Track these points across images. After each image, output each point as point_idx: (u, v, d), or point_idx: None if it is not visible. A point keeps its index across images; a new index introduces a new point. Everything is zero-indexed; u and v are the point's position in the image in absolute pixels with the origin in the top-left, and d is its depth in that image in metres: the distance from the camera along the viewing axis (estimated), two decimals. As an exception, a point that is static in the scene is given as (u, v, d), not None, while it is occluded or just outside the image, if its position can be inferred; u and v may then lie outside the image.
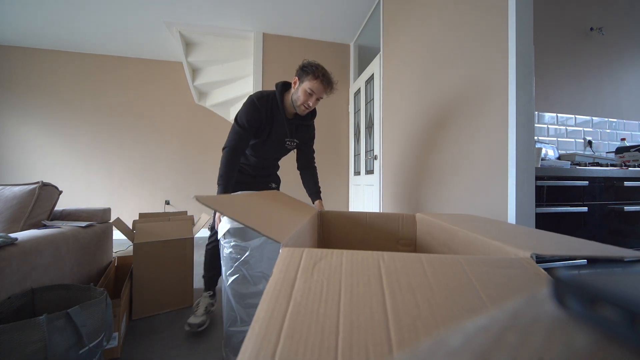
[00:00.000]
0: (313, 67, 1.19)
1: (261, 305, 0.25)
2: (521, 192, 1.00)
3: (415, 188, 1.68)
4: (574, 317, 0.13)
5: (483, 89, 1.16)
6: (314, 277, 0.29)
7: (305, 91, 1.20)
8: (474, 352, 0.11)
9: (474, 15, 1.21)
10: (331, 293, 0.26)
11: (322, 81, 1.19)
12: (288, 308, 0.24)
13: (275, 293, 0.26)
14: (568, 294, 0.14)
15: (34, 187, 1.28)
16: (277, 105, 1.26)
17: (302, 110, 1.26)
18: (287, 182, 2.80)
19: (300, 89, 1.21)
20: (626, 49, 2.00)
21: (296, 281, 0.29)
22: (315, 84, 1.19)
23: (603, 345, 0.11)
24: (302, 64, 1.23)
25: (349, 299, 0.25)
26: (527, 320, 0.14)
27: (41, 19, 2.64)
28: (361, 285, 0.27)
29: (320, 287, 0.27)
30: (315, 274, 0.30)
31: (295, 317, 0.23)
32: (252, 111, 1.22)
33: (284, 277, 0.30)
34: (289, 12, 2.50)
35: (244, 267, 1.01)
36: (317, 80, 1.19)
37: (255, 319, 0.23)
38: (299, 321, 0.22)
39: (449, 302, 0.24)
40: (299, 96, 1.22)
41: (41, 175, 3.18)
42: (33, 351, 0.66)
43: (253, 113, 1.22)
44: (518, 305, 0.15)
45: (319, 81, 1.19)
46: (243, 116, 1.22)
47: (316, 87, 1.19)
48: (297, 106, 1.25)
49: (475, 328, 0.13)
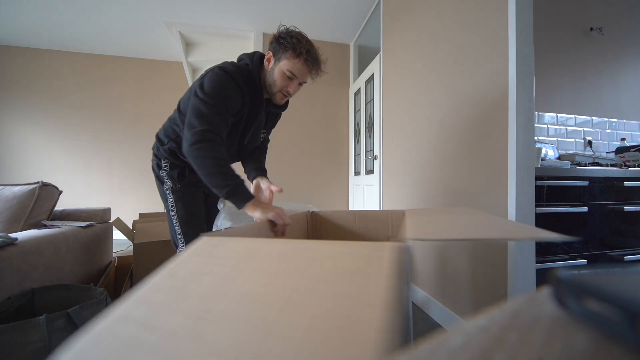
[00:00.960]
0: (294, 39, 0.85)
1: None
2: (521, 192, 1.00)
3: (415, 188, 1.68)
4: (574, 317, 0.13)
5: (483, 88, 1.16)
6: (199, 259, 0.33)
7: (283, 73, 0.87)
8: (474, 352, 0.11)
9: (474, 15, 1.21)
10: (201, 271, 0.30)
11: (305, 60, 0.85)
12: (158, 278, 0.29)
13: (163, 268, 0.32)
14: (568, 294, 0.14)
15: (34, 187, 1.28)
16: (253, 84, 0.91)
17: (280, 99, 0.94)
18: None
19: (276, 70, 0.87)
20: (626, 49, 2.00)
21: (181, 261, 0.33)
22: (297, 64, 0.85)
23: (603, 345, 0.11)
24: (277, 32, 0.87)
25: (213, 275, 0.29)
26: (527, 320, 0.14)
27: (41, 19, 2.64)
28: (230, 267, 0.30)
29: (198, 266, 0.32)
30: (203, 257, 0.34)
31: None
32: (232, 87, 0.85)
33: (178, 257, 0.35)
34: (288, 12, 2.50)
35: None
36: (299, 59, 0.85)
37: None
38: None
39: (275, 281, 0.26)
40: (274, 80, 0.89)
41: (41, 175, 3.18)
42: (33, 351, 0.66)
43: (232, 90, 0.85)
44: (518, 305, 0.15)
45: (301, 60, 0.85)
46: (217, 89, 0.82)
47: (298, 68, 0.86)
48: (272, 93, 0.92)
49: (475, 328, 0.13)
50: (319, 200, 2.91)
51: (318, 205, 2.89)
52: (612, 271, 0.14)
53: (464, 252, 1.25)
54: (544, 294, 0.16)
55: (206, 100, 0.80)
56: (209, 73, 0.85)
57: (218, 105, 0.81)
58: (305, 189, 2.87)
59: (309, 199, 2.88)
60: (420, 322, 1.39)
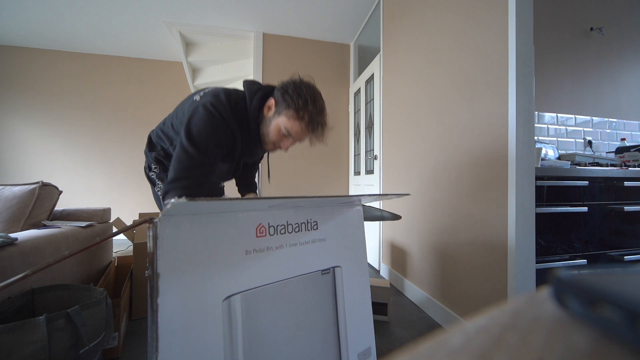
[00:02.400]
0: (301, 99, 0.78)
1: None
2: (521, 192, 1.00)
3: (415, 188, 1.68)
4: (574, 317, 0.13)
5: (483, 88, 1.16)
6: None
7: (279, 130, 0.82)
8: (474, 352, 0.11)
9: (474, 15, 1.21)
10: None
11: (307, 126, 0.79)
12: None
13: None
14: (568, 294, 0.14)
15: (34, 187, 1.28)
16: (247, 122, 0.86)
17: (270, 149, 0.89)
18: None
19: (274, 123, 0.82)
20: (626, 49, 2.00)
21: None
22: (296, 127, 0.79)
23: (603, 345, 0.11)
24: (286, 81, 0.82)
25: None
26: (527, 320, 0.14)
27: (41, 19, 2.64)
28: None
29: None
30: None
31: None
32: (222, 129, 0.80)
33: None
34: (289, 12, 2.50)
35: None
36: (300, 122, 0.79)
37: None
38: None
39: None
40: (269, 132, 0.84)
41: (41, 175, 3.18)
42: (33, 351, 0.66)
43: (222, 132, 0.80)
44: (518, 305, 0.15)
45: (302, 125, 0.79)
46: (205, 135, 0.77)
47: (297, 131, 0.80)
48: (264, 142, 0.87)
49: (475, 328, 0.13)
50: (319, 200, 2.91)
51: (318, 205, 2.89)
52: (612, 271, 0.14)
53: (464, 252, 1.25)
54: (544, 294, 0.16)
55: (190, 151, 0.75)
56: (199, 110, 0.78)
57: (203, 154, 0.76)
58: (305, 188, 2.88)
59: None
60: (420, 322, 1.39)
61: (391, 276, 1.95)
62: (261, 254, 0.60)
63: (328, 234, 0.71)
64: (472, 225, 1.21)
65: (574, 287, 0.13)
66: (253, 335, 0.56)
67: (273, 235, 0.62)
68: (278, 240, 0.63)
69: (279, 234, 0.63)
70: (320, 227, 0.70)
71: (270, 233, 0.62)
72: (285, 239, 0.63)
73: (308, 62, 2.90)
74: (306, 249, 0.67)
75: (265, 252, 0.60)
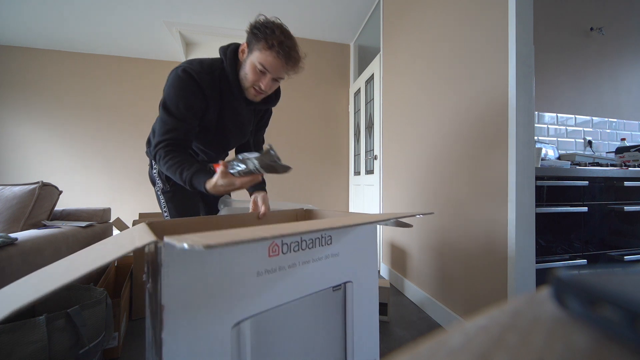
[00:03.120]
0: (268, 29, 0.77)
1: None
2: (521, 192, 1.00)
3: (415, 188, 1.68)
4: (574, 317, 0.13)
5: (483, 88, 1.16)
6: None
7: (254, 67, 0.80)
8: (474, 352, 0.11)
9: (474, 15, 1.21)
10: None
11: (278, 53, 0.77)
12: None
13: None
14: (568, 294, 0.14)
15: (34, 187, 1.28)
16: (227, 80, 0.87)
17: (253, 95, 0.86)
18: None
19: (248, 62, 0.81)
20: (626, 49, 2.00)
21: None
22: (269, 56, 0.77)
23: (603, 345, 0.11)
24: (253, 23, 0.81)
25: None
26: (527, 320, 0.14)
27: (41, 19, 2.64)
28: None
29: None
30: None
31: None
32: (190, 89, 0.82)
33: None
34: (288, 12, 2.50)
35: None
36: (271, 51, 0.77)
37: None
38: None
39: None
40: (246, 73, 0.83)
41: (41, 175, 3.18)
42: (33, 351, 0.66)
43: (191, 92, 0.82)
44: (518, 305, 0.15)
45: (273, 53, 0.77)
46: (174, 98, 0.81)
47: (270, 61, 0.78)
48: (245, 88, 0.86)
49: (475, 328, 0.13)
50: (319, 200, 2.91)
51: (318, 205, 2.89)
52: (612, 271, 0.14)
53: (464, 252, 1.25)
54: (544, 294, 0.16)
55: (164, 108, 0.81)
56: (170, 75, 0.84)
57: (176, 112, 0.81)
58: (305, 188, 2.87)
59: (309, 198, 2.88)
60: (420, 322, 1.39)
61: (391, 276, 1.95)
62: (273, 274, 0.54)
63: (342, 248, 0.65)
64: (472, 225, 1.21)
65: (574, 287, 0.13)
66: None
67: (286, 253, 0.56)
68: (291, 258, 0.56)
69: (292, 251, 0.57)
70: (334, 242, 0.64)
71: (284, 251, 0.55)
72: (298, 256, 0.57)
73: (308, 62, 2.90)
74: (319, 265, 0.61)
75: (278, 272, 0.54)
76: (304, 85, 2.86)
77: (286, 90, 2.78)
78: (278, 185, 2.79)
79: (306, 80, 2.88)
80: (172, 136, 0.81)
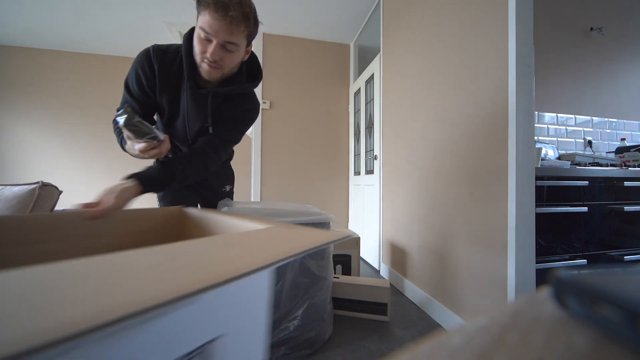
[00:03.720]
0: None
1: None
2: (521, 192, 1.00)
3: (415, 188, 1.68)
4: (574, 317, 0.13)
5: (483, 88, 1.16)
6: None
7: (198, 35, 0.72)
8: (474, 352, 0.11)
9: (474, 15, 1.21)
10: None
11: (216, 12, 0.66)
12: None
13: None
14: (568, 294, 0.14)
15: (34, 187, 1.28)
16: (181, 62, 0.81)
17: (206, 71, 0.76)
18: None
19: (195, 34, 0.74)
20: (626, 49, 2.00)
21: None
22: (207, 16, 0.67)
23: (603, 345, 0.11)
24: None
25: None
26: (527, 320, 0.14)
27: (41, 19, 2.64)
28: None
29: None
30: None
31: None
32: (142, 64, 0.78)
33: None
34: (289, 12, 2.50)
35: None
36: (208, 10, 0.67)
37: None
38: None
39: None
40: (194, 46, 0.75)
41: (41, 175, 3.18)
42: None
43: (141, 67, 0.78)
44: (518, 305, 0.15)
45: (210, 12, 0.67)
46: (130, 72, 0.80)
47: (210, 22, 0.68)
48: (198, 65, 0.77)
49: (475, 328, 0.13)
50: (319, 200, 2.91)
51: (318, 205, 2.89)
52: (612, 271, 0.14)
53: (464, 252, 1.26)
54: (544, 294, 0.16)
55: (124, 92, 0.82)
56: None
57: (130, 87, 0.81)
58: (305, 188, 2.87)
59: (309, 199, 2.88)
60: (420, 322, 1.39)
61: (391, 276, 1.95)
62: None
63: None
64: (472, 225, 1.21)
65: (574, 287, 0.13)
66: None
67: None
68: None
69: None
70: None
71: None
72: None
73: (308, 62, 2.90)
74: (162, 324, 0.28)
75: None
76: (303, 85, 2.86)
77: (286, 90, 2.79)
78: (277, 185, 2.79)
79: (306, 80, 2.88)
80: (128, 108, 0.74)
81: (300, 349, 1.10)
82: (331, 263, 1.23)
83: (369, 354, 1.15)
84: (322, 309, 1.17)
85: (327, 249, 1.19)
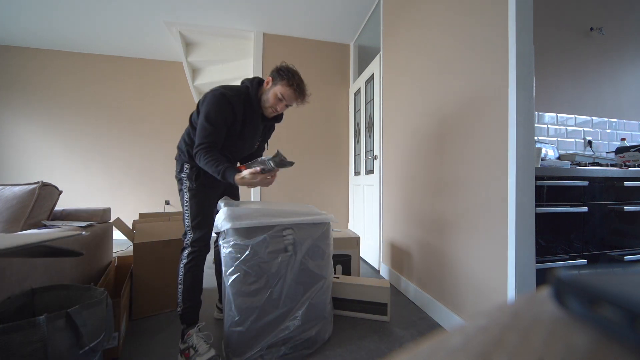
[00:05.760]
0: (290, 73, 1.16)
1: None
2: (521, 192, 1.00)
3: (415, 187, 1.68)
4: (574, 317, 0.13)
5: (483, 88, 1.16)
6: None
7: (275, 95, 1.17)
8: (474, 352, 0.11)
9: (474, 15, 1.21)
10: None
11: (295, 90, 1.15)
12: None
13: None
14: (568, 294, 0.14)
15: (34, 187, 1.28)
16: (250, 102, 1.20)
17: (269, 113, 1.23)
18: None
19: (271, 91, 1.17)
20: (626, 49, 2.00)
21: None
22: (288, 90, 1.15)
23: (603, 345, 0.11)
24: (279, 65, 1.18)
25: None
26: (527, 320, 0.14)
27: (41, 19, 2.64)
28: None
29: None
30: None
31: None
32: (225, 107, 1.14)
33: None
34: (289, 12, 2.50)
35: (244, 265, 1.01)
36: (290, 87, 1.15)
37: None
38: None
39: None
40: (268, 98, 1.18)
41: (41, 175, 3.18)
42: (33, 351, 0.65)
43: (225, 109, 1.14)
44: (518, 305, 0.15)
45: (292, 89, 1.15)
46: (213, 113, 1.12)
47: (288, 94, 1.16)
48: (264, 107, 1.21)
49: (475, 328, 0.13)
50: (319, 200, 2.91)
51: (318, 205, 2.89)
52: (612, 271, 0.14)
53: (464, 252, 1.26)
54: (544, 294, 0.16)
55: (207, 120, 1.11)
56: (209, 95, 1.14)
57: (214, 123, 1.11)
58: (305, 188, 2.87)
59: (309, 198, 2.88)
60: (420, 322, 1.39)
61: (391, 276, 1.95)
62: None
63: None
64: (472, 225, 1.21)
65: (574, 287, 0.13)
66: None
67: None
68: None
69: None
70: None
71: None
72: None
73: (308, 62, 2.90)
74: None
75: None
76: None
77: (286, 90, 2.78)
78: (278, 185, 2.79)
79: (306, 80, 2.88)
80: (210, 140, 1.10)
81: (300, 349, 1.10)
82: (331, 263, 1.23)
83: (369, 354, 1.15)
84: (322, 309, 1.17)
85: (327, 248, 1.19)
